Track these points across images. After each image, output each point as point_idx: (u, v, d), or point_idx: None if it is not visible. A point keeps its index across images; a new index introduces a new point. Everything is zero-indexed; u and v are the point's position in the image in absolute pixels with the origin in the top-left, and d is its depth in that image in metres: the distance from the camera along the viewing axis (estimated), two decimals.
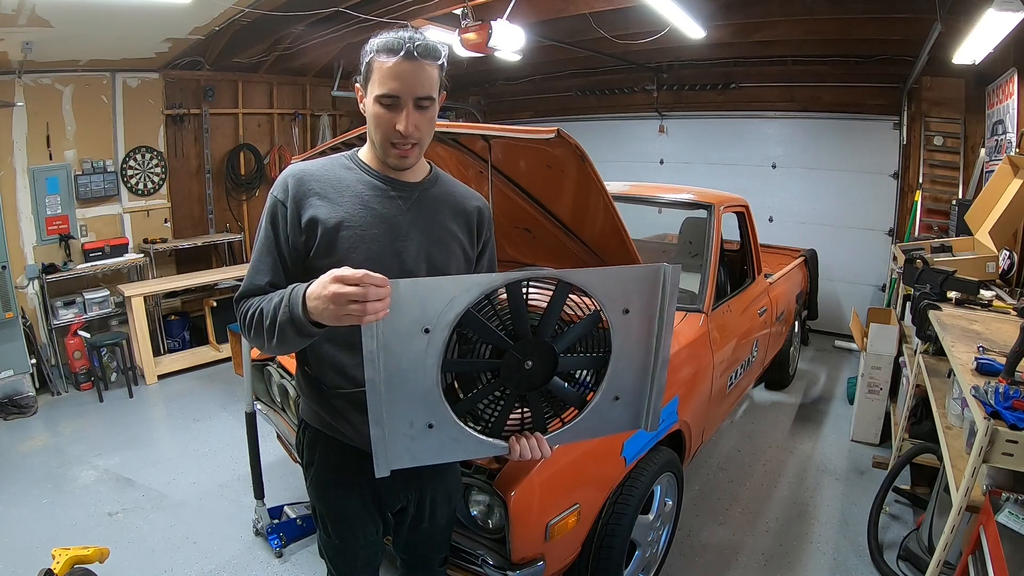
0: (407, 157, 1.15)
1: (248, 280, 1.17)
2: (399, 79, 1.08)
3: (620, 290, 1.02)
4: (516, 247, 2.67)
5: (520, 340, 1.00)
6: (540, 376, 1.03)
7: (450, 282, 0.94)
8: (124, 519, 2.72)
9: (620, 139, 6.27)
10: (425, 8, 3.76)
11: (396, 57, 1.07)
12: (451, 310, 0.93)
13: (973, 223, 3.22)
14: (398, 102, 1.09)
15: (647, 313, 1.05)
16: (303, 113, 6.02)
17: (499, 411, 1.05)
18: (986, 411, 1.49)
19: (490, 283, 0.95)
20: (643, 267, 1.05)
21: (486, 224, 1.32)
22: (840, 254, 5.15)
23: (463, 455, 1.07)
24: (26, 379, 3.89)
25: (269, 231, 1.17)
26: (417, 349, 0.94)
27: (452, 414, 1.00)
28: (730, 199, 3.04)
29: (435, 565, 1.49)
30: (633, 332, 1.05)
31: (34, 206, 4.22)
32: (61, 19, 3.38)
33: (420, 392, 0.97)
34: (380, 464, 0.99)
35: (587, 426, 1.10)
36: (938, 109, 4.55)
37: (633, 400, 1.11)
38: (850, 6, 3.87)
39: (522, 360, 1.01)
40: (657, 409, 1.13)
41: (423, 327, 0.93)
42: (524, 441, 1.07)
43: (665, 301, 1.04)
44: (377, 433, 0.97)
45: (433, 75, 1.11)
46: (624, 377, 1.08)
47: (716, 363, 2.48)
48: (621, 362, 1.07)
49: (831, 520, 2.72)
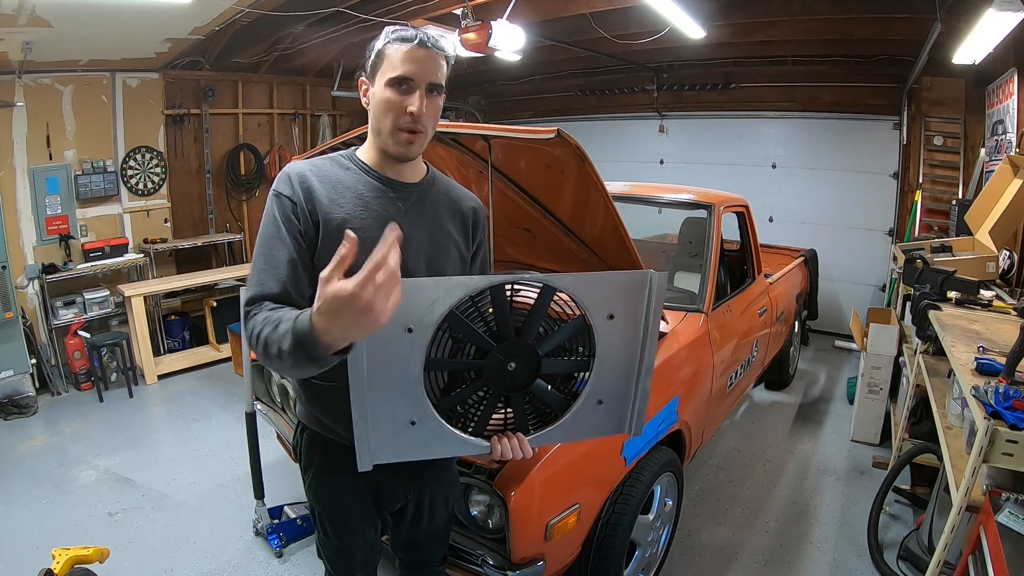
0: (413, 143, 1.14)
1: (260, 281, 1.08)
2: (415, 63, 1.09)
3: (605, 296, 1.02)
4: (516, 247, 2.67)
5: (504, 342, 1.01)
6: (523, 378, 1.04)
7: (433, 283, 0.95)
8: (124, 519, 2.72)
9: (620, 139, 6.27)
10: (425, 8, 3.76)
11: (411, 44, 1.09)
12: (434, 311, 0.94)
13: (973, 223, 3.22)
14: (412, 85, 1.10)
15: (632, 319, 1.05)
16: (303, 113, 6.02)
17: (482, 411, 1.06)
18: (986, 411, 1.49)
19: (473, 285, 0.96)
20: (629, 274, 1.05)
21: (481, 225, 1.32)
22: (840, 254, 5.15)
23: (445, 452, 1.08)
24: (26, 379, 3.89)
25: (283, 224, 1.10)
26: (401, 347, 0.95)
27: (434, 411, 1.02)
28: (730, 199, 3.04)
29: (434, 565, 1.49)
30: (618, 337, 1.06)
31: (34, 206, 4.22)
32: (61, 19, 3.38)
33: (402, 389, 0.98)
34: (363, 458, 1.00)
35: (569, 429, 1.11)
36: (938, 109, 4.55)
37: (617, 405, 1.12)
38: (850, 6, 3.87)
39: (505, 361, 1.02)
40: (641, 414, 1.13)
41: (407, 326, 0.94)
42: (506, 441, 1.07)
43: (651, 308, 1.05)
44: (360, 427, 0.98)
45: (444, 66, 1.13)
46: (608, 381, 1.09)
47: (716, 363, 2.48)
48: (605, 367, 1.07)
49: (831, 520, 2.72)
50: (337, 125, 6.31)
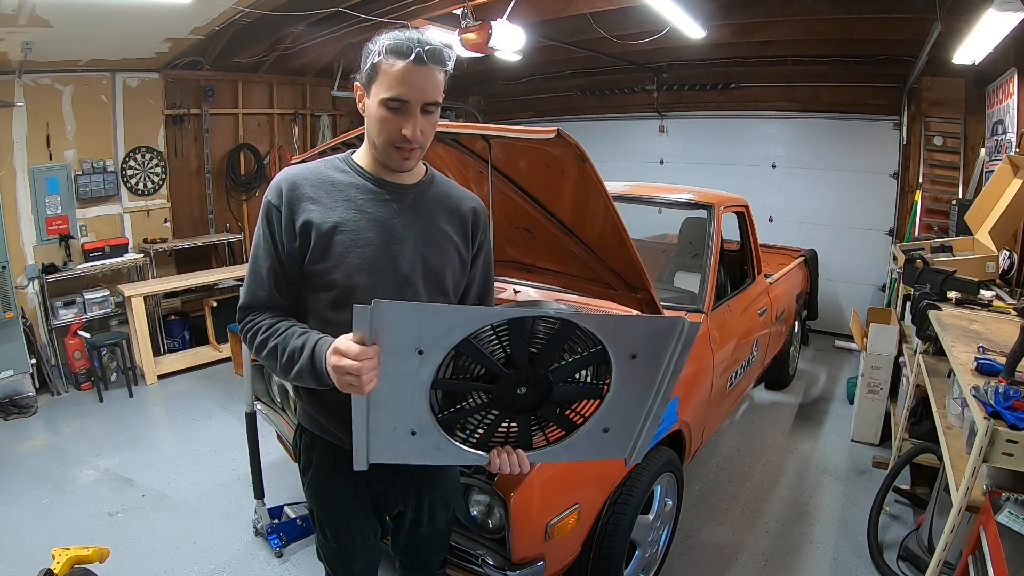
0: (409, 159, 1.14)
1: (249, 291, 1.18)
2: (408, 84, 1.06)
3: (631, 338, 0.99)
4: (516, 247, 2.67)
5: (516, 368, 0.99)
6: (532, 401, 1.02)
7: (453, 311, 0.93)
8: (124, 519, 2.72)
9: (620, 139, 6.27)
10: (425, 8, 3.77)
11: (406, 61, 1.04)
12: (449, 337, 0.92)
13: (973, 223, 3.22)
14: (406, 107, 1.07)
15: (655, 361, 1.02)
16: (303, 113, 6.02)
17: (486, 427, 1.05)
18: (986, 411, 1.49)
19: (494, 317, 0.93)
20: (660, 320, 1.01)
21: (481, 225, 1.31)
22: (840, 254, 5.15)
23: (443, 461, 1.07)
24: (26, 379, 3.89)
25: (267, 235, 1.17)
26: (409, 367, 0.93)
27: (437, 425, 1.00)
28: (730, 199, 3.04)
29: (434, 567, 1.49)
30: (637, 376, 1.03)
31: (34, 206, 4.22)
32: (61, 19, 3.38)
33: (407, 405, 0.97)
34: (359, 458, 0.99)
35: (571, 450, 1.10)
36: (938, 109, 4.55)
37: (623, 434, 1.10)
38: (850, 6, 3.88)
39: (516, 386, 1.00)
40: (645, 444, 1.12)
41: (418, 348, 0.92)
42: (504, 456, 1.06)
43: (676, 353, 1.01)
44: (359, 432, 0.97)
45: (440, 80, 1.10)
46: (618, 413, 1.07)
47: (716, 363, 2.48)
48: (618, 400, 1.05)
49: (831, 520, 2.72)
50: (337, 125, 6.30)
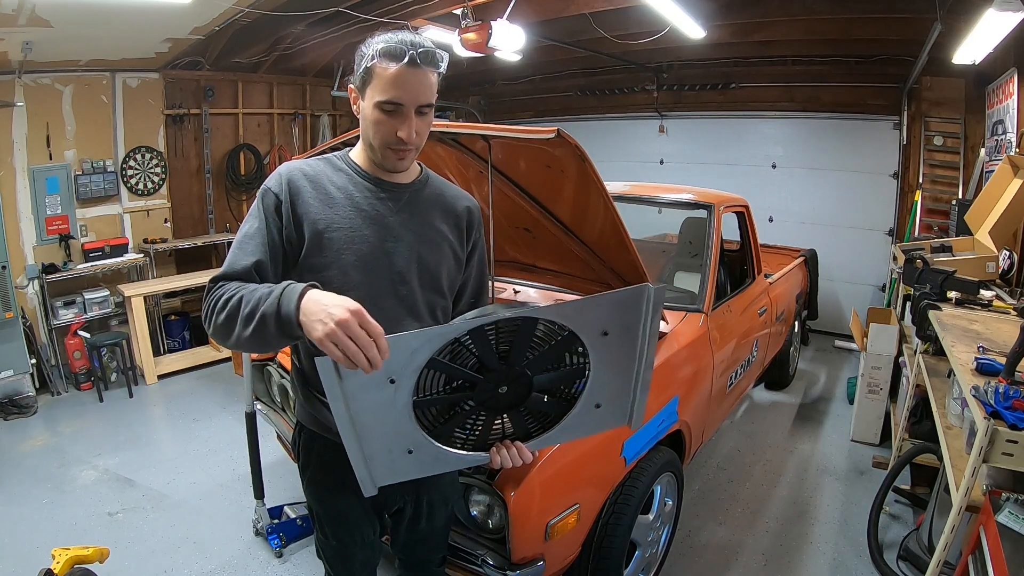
0: (404, 159, 1.16)
1: (229, 262, 1.10)
2: (402, 87, 1.07)
3: (597, 317, 0.99)
4: (516, 247, 2.67)
5: (491, 372, 0.99)
6: (517, 396, 1.03)
7: (411, 336, 0.92)
8: (124, 519, 2.72)
9: (620, 139, 6.27)
10: (425, 8, 3.76)
11: (399, 64, 1.05)
12: (415, 360, 0.92)
13: (973, 223, 3.22)
14: (400, 109, 1.09)
15: (629, 333, 1.03)
16: (303, 113, 6.02)
17: (481, 428, 1.05)
18: (986, 411, 1.49)
19: (452, 332, 0.93)
20: (623, 292, 1.00)
21: (476, 225, 1.31)
22: (840, 254, 5.15)
23: (446, 468, 1.08)
24: (26, 379, 3.89)
25: (261, 217, 1.13)
26: (384, 397, 0.94)
27: (430, 440, 1.01)
28: (730, 199, 3.04)
29: (433, 565, 1.49)
30: (614, 350, 1.03)
31: (34, 206, 4.22)
32: (61, 19, 3.38)
33: (394, 429, 0.97)
34: (365, 484, 1.00)
35: (568, 431, 1.10)
36: (938, 109, 4.55)
37: (616, 405, 1.11)
38: (850, 6, 3.87)
39: (495, 387, 1.00)
40: (642, 407, 1.12)
41: (388, 378, 0.92)
42: (504, 451, 1.06)
43: (648, 319, 1.02)
44: (357, 459, 0.97)
45: (434, 82, 1.11)
46: (606, 388, 1.07)
47: (716, 363, 2.48)
48: (601, 376, 1.05)
49: (831, 520, 2.72)
50: (337, 125, 6.30)
